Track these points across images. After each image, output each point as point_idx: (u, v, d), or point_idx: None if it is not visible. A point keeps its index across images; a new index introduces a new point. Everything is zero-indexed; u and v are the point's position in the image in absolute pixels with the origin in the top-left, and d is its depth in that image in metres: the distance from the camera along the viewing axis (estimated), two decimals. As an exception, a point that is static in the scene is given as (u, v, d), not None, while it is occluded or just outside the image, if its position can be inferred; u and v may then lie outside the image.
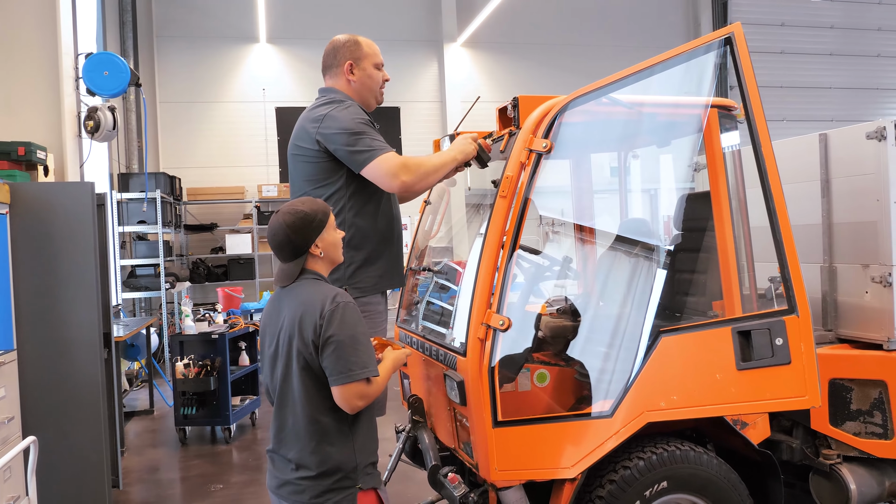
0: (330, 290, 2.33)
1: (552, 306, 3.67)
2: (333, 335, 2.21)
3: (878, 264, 3.38)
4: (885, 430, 3.34)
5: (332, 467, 2.28)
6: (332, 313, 2.23)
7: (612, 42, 13.57)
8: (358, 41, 3.00)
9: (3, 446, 3.41)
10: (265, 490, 5.07)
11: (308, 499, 2.27)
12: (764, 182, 2.81)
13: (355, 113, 2.85)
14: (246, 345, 7.06)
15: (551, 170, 3.18)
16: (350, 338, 2.23)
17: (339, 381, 2.22)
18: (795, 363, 2.84)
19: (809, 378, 2.87)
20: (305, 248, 2.34)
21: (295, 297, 2.34)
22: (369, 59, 2.98)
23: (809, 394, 2.87)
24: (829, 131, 3.66)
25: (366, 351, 2.28)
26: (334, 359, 2.22)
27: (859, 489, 3.40)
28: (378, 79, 3.02)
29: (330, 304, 2.25)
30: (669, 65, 2.84)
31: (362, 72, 2.96)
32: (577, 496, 2.84)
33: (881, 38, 15.09)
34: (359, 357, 2.23)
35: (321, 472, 2.27)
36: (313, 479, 2.27)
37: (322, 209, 2.39)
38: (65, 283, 4.19)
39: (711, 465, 2.93)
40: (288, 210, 2.35)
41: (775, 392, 2.85)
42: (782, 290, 2.85)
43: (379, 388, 2.31)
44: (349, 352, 2.22)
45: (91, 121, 5.53)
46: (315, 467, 2.27)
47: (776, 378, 2.81)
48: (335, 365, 2.22)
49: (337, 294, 2.30)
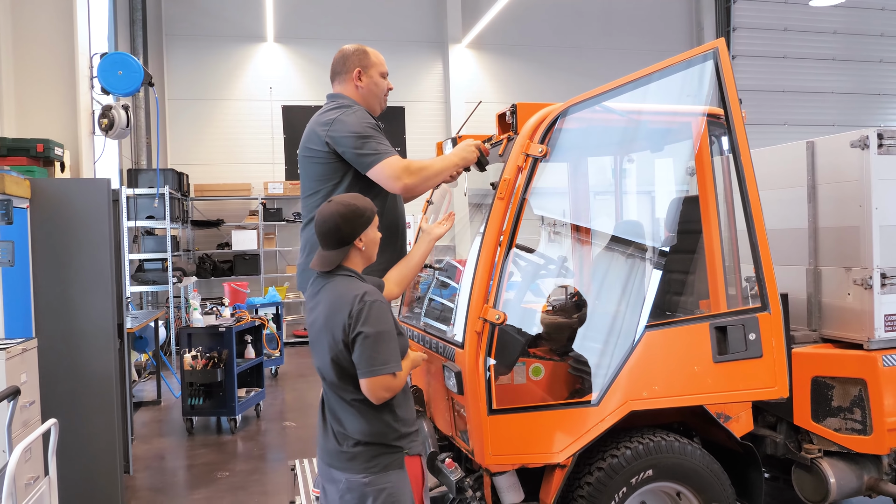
0: (360, 287, 2.45)
1: (552, 304, 3.84)
2: (361, 332, 2.35)
3: (860, 267, 3.53)
4: (864, 426, 3.49)
5: (378, 434, 2.44)
6: (360, 312, 2.36)
7: (616, 45, 13.72)
8: (366, 51, 3.16)
9: (24, 429, 3.58)
10: (269, 478, 5.30)
11: (360, 464, 2.42)
12: (742, 188, 2.98)
13: (363, 117, 3.01)
14: (252, 338, 7.24)
15: (549, 173, 3.35)
16: (377, 334, 2.35)
17: (365, 375, 2.36)
18: (766, 357, 3.03)
19: (779, 370, 3.06)
20: (351, 239, 2.48)
21: (329, 294, 2.48)
22: (376, 67, 3.14)
23: (779, 385, 3.07)
24: (816, 139, 3.80)
25: (391, 346, 2.40)
26: (361, 354, 2.35)
27: (839, 482, 3.56)
28: (383, 86, 3.18)
29: (358, 303, 2.38)
30: (659, 76, 3.01)
31: (369, 79, 3.12)
32: (567, 482, 3.01)
33: (883, 43, 15.19)
34: (384, 353, 2.36)
35: (369, 440, 2.43)
36: (365, 446, 2.43)
37: (370, 207, 2.54)
38: (81, 276, 4.36)
39: (695, 456, 3.10)
40: (342, 201, 2.49)
41: (748, 383, 3.04)
42: (757, 290, 3.01)
43: (402, 382, 2.47)
44: (375, 348, 2.35)
45: (105, 119, 5.71)
46: (364, 436, 2.43)
47: (749, 370, 3.01)
48: (362, 360, 2.36)
49: (366, 293, 2.42)
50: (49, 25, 5.53)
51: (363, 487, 2.41)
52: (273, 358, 8.78)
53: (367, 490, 2.40)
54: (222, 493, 5.07)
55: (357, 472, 2.43)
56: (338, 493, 2.49)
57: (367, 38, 12.44)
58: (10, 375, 3.48)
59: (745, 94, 14.77)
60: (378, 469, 2.42)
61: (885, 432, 3.42)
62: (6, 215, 3.87)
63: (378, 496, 2.39)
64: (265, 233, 11.99)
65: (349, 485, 2.44)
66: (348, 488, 2.44)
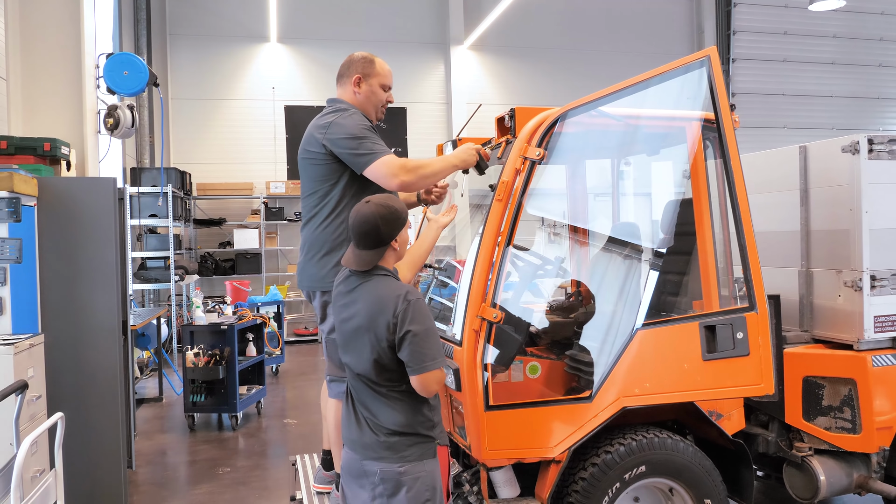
0: (401, 287, 2.50)
1: (550, 304, 3.92)
2: (410, 330, 2.38)
3: (851, 270, 3.61)
4: (854, 425, 3.57)
5: (412, 424, 2.50)
6: (405, 311, 2.40)
7: (617, 47, 13.80)
8: (373, 61, 3.23)
9: (31, 422, 3.66)
10: (270, 474, 5.39)
11: (396, 454, 2.47)
12: (731, 191, 3.06)
13: (359, 120, 3.10)
14: (253, 336, 7.31)
15: (547, 175, 3.42)
16: (425, 331, 2.41)
17: (418, 371, 2.40)
18: (753, 355, 3.12)
19: (765, 368, 3.15)
20: (389, 240, 2.52)
21: (370, 293, 2.51)
22: (378, 78, 3.20)
23: (765, 382, 3.16)
24: (809, 144, 3.88)
25: (437, 341, 2.46)
26: (413, 352, 2.39)
27: (828, 480, 3.64)
28: (382, 98, 3.25)
29: (402, 303, 2.42)
30: (654, 82, 3.09)
31: (369, 87, 3.20)
32: (562, 478, 3.08)
33: (882, 48, 15.27)
34: (433, 348, 2.42)
35: (404, 431, 2.48)
36: (401, 436, 2.48)
37: (405, 208, 2.60)
38: (87, 273, 4.43)
39: (687, 452, 3.17)
40: (381, 203, 2.52)
41: (735, 380, 3.13)
42: (745, 291, 3.10)
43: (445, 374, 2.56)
44: (424, 344, 2.40)
45: (111, 118, 5.79)
46: (400, 427, 2.48)
47: (736, 368, 3.09)
48: (413, 357, 2.39)
49: (408, 292, 2.46)
50: (56, 26, 5.62)
51: (398, 477, 2.45)
52: (274, 356, 8.86)
53: (402, 479, 2.44)
54: (224, 488, 5.15)
55: (393, 461, 2.46)
56: (371, 486, 2.50)
57: (369, 39, 12.62)
58: (18, 370, 3.56)
59: (746, 97, 14.92)
60: (413, 458, 2.47)
61: (874, 431, 3.50)
62: (14, 213, 3.94)
63: (413, 485, 2.44)
64: (267, 232, 12.08)
65: (384, 475, 2.47)
66: (382, 479, 2.47)
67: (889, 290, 3.57)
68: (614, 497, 3.09)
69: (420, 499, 2.44)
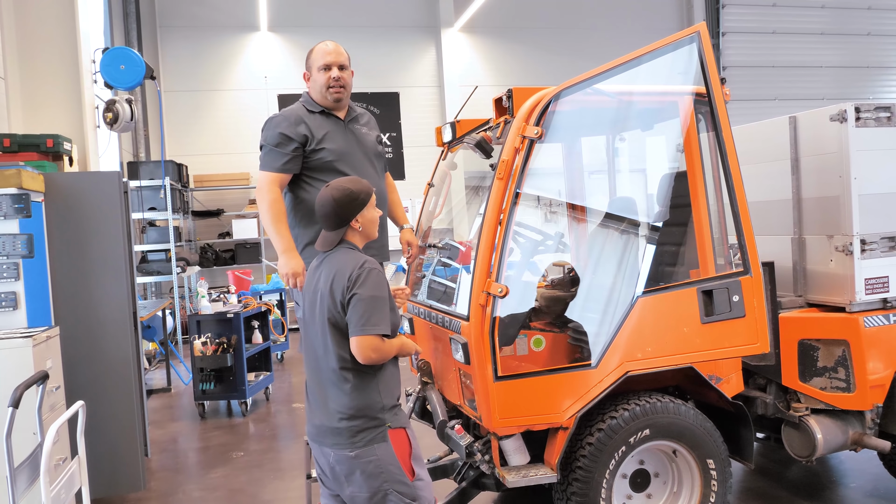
0: (361, 257, 2.66)
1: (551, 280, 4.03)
2: (357, 294, 2.54)
3: (841, 235, 3.72)
4: (848, 384, 3.69)
5: (361, 408, 2.59)
6: (358, 276, 2.56)
7: (607, 24, 13.81)
8: (312, 50, 3.38)
9: (51, 412, 3.76)
10: (283, 456, 5.52)
11: (346, 440, 2.58)
12: (724, 161, 3.17)
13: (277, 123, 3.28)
14: (259, 324, 7.42)
15: (544, 153, 3.52)
16: (371, 298, 2.54)
17: (356, 333, 2.53)
18: (749, 316, 3.27)
19: (761, 328, 3.29)
20: (347, 220, 2.68)
21: (330, 264, 2.69)
22: (315, 63, 3.32)
23: (760, 341, 3.31)
24: (798, 114, 3.97)
25: (383, 312, 2.57)
26: (354, 313, 2.53)
27: (825, 438, 3.77)
28: (321, 81, 3.33)
29: (358, 269, 2.58)
30: (647, 59, 3.18)
31: (311, 76, 3.36)
32: (570, 443, 3.21)
33: (871, 16, 15.31)
34: (376, 315, 2.53)
35: (352, 414, 2.59)
36: (348, 421, 2.59)
37: (365, 189, 2.73)
38: (97, 266, 4.51)
39: (688, 415, 3.30)
40: (336, 186, 2.70)
41: (733, 341, 3.28)
42: (740, 256, 3.22)
43: (390, 349, 2.62)
44: (368, 309, 2.52)
45: (110, 113, 5.85)
46: (347, 410, 2.59)
47: (733, 329, 3.24)
48: (354, 318, 2.53)
49: (366, 261, 2.63)
50: (52, 22, 5.64)
51: (350, 461, 2.58)
52: (279, 343, 8.98)
53: (354, 463, 2.57)
54: (239, 471, 5.27)
55: (343, 447, 2.59)
56: (328, 466, 2.67)
57: (359, 25, 12.62)
58: (37, 361, 3.66)
59: (736, 69, 14.97)
60: (363, 444, 2.57)
61: (868, 389, 3.62)
62: (25, 209, 4.02)
63: (365, 468, 2.56)
64: (265, 221, 12.12)
65: (337, 458, 2.61)
66: (337, 461, 2.62)
67: (879, 252, 3.69)
68: (620, 460, 3.22)
69: (374, 482, 2.56)
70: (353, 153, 3.32)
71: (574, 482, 3.19)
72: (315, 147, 3.25)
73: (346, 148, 3.31)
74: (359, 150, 3.37)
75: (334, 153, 3.25)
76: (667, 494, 3.46)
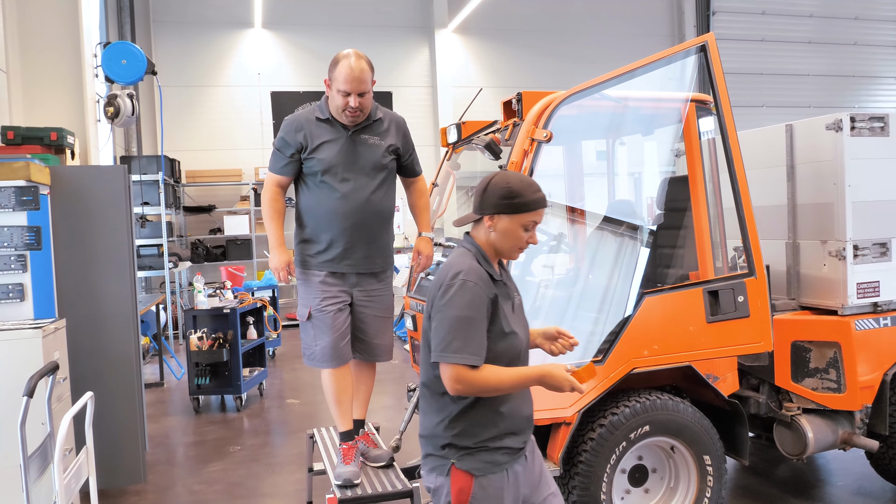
0: (463, 264, 2.19)
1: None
2: (440, 311, 2.15)
3: (835, 240, 3.85)
4: (839, 385, 3.82)
5: (427, 436, 2.29)
6: (447, 288, 2.15)
7: (600, 29, 13.97)
8: (336, 62, 3.23)
9: (58, 403, 3.79)
10: (279, 451, 5.58)
11: (422, 456, 2.33)
12: (731, 169, 3.28)
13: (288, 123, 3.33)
14: (254, 319, 7.45)
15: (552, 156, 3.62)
16: (456, 319, 2.11)
17: (434, 357, 2.16)
18: (753, 316, 3.40)
19: (764, 328, 3.43)
20: (483, 210, 2.22)
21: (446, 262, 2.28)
22: (336, 83, 3.22)
23: (764, 340, 3.44)
24: (795, 122, 4.10)
25: (468, 336, 2.11)
26: (436, 334, 2.16)
27: (816, 437, 3.89)
28: (339, 102, 3.25)
29: (450, 279, 2.16)
30: (656, 66, 3.29)
31: (331, 91, 3.25)
32: (573, 438, 3.30)
33: (858, 26, 15.62)
34: (458, 339, 2.10)
35: (424, 434, 2.30)
36: (423, 439, 2.31)
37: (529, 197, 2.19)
38: (101, 259, 4.54)
39: (687, 413, 3.41)
40: (506, 174, 2.25)
41: (737, 340, 3.41)
42: (744, 258, 3.34)
43: (484, 383, 2.11)
44: (451, 331, 2.11)
45: (111, 107, 5.86)
46: (423, 429, 2.31)
47: (738, 328, 3.37)
48: (435, 339, 2.16)
49: (462, 271, 2.16)
50: (54, 16, 5.65)
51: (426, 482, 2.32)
52: (272, 340, 9.00)
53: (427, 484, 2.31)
54: (236, 465, 5.32)
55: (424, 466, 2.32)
56: None
57: (353, 24, 12.66)
58: (46, 352, 3.69)
59: (726, 76, 15.15)
60: (427, 467, 2.29)
61: (858, 390, 3.75)
62: (33, 201, 4.05)
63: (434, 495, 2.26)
64: (257, 218, 12.14)
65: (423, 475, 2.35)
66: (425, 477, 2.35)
67: (871, 258, 3.82)
68: (620, 456, 3.32)
69: None
70: (345, 164, 3.26)
71: (576, 476, 3.28)
72: (307, 155, 3.28)
73: (338, 160, 3.25)
74: (356, 161, 3.31)
75: (323, 163, 3.26)
76: (664, 489, 3.57)
